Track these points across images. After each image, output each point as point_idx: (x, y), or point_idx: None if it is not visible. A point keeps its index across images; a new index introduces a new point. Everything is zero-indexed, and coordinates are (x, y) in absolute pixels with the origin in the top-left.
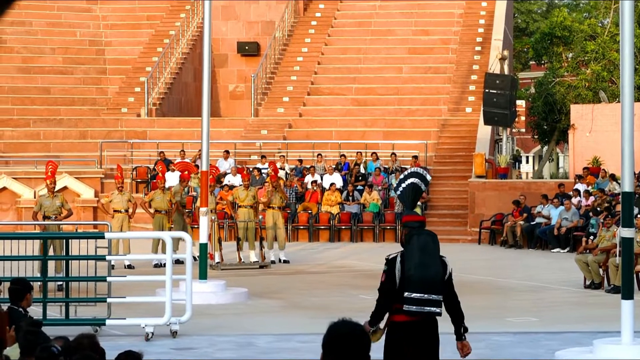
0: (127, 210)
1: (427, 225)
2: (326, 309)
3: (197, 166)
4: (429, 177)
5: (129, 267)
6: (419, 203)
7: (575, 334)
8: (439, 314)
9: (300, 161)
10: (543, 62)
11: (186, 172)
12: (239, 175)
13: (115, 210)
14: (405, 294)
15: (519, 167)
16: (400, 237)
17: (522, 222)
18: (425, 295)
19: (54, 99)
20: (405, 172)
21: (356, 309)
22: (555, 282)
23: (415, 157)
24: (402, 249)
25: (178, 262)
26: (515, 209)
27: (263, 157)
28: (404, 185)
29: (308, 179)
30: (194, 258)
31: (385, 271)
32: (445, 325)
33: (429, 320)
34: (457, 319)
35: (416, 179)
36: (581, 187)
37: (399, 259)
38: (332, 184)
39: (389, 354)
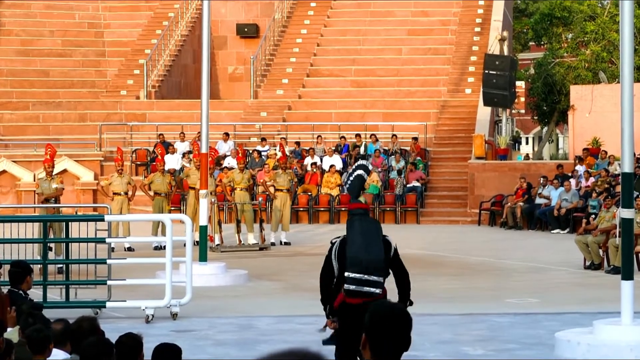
0: (126, 193)
1: (426, 207)
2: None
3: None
4: (370, 167)
5: (129, 249)
6: (366, 190)
7: (575, 314)
8: (378, 295)
9: (298, 143)
10: (543, 42)
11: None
12: None
13: (114, 193)
14: (346, 273)
15: (518, 149)
16: (347, 224)
17: (522, 204)
18: (365, 276)
19: (53, 82)
20: (353, 166)
21: None
22: (555, 263)
23: (415, 138)
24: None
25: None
26: (519, 188)
27: (263, 139)
28: (352, 177)
29: (308, 160)
30: (195, 242)
31: (326, 257)
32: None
33: (369, 301)
34: (403, 292)
35: (361, 171)
36: (581, 168)
37: (338, 243)
38: (331, 166)
39: (342, 335)
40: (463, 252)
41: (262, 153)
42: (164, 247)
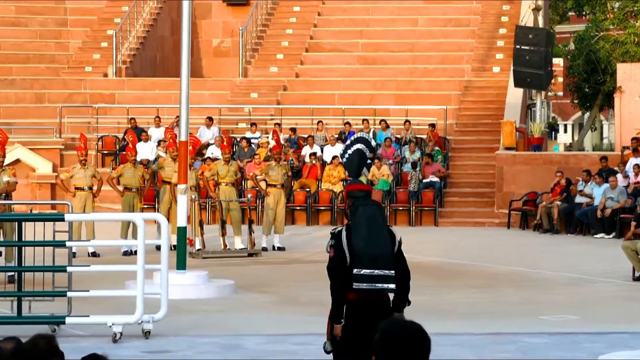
0: (90, 188)
1: (446, 206)
2: (327, 306)
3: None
4: (373, 143)
5: (94, 254)
6: (364, 171)
7: (623, 334)
8: (393, 290)
9: (294, 130)
10: (584, 13)
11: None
12: None
13: (77, 188)
14: (355, 270)
15: (555, 138)
16: (345, 208)
17: (559, 203)
18: (377, 271)
19: (5, 56)
20: (352, 138)
21: None
22: (598, 274)
23: (433, 125)
24: (348, 221)
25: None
26: (556, 185)
27: (253, 125)
28: (349, 151)
29: (306, 151)
30: (171, 247)
31: (333, 245)
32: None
33: (382, 297)
34: (401, 295)
35: (362, 145)
36: (630, 161)
37: (344, 232)
38: (334, 157)
39: (343, 335)
40: (489, 260)
41: (252, 141)
42: (135, 252)
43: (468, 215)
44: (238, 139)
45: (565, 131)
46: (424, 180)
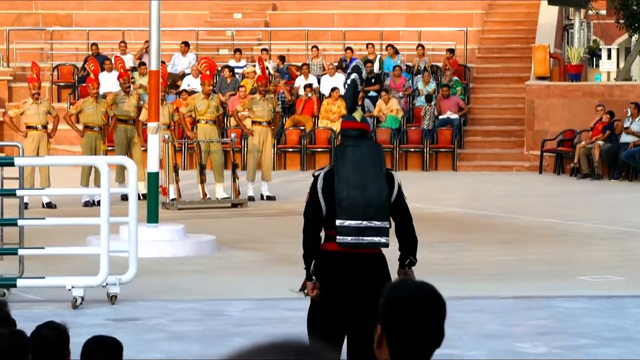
0: (45, 127)
1: (466, 147)
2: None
3: (144, 63)
4: (364, 73)
5: (49, 205)
6: (358, 105)
7: None
8: (385, 245)
9: (282, 58)
10: None
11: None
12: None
13: (28, 127)
14: (338, 222)
15: (597, 65)
16: (335, 150)
17: (601, 142)
18: (365, 223)
19: None
20: (352, 66)
21: None
22: None
23: (451, 51)
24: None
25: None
26: (597, 121)
27: (237, 50)
28: (348, 81)
29: (299, 82)
30: (140, 196)
31: (310, 190)
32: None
33: (375, 255)
34: (407, 246)
35: (355, 75)
36: None
37: (323, 176)
38: (333, 89)
39: (322, 291)
40: (518, 211)
41: (236, 71)
42: (98, 202)
43: (492, 158)
44: (219, 69)
45: (609, 57)
46: (440, 117)
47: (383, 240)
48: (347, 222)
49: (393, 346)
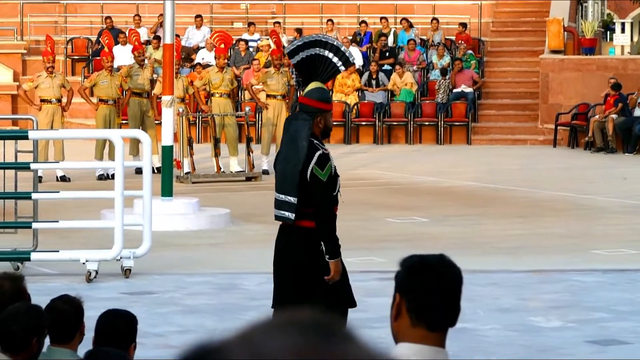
0: (59, 100)
1: (480, 121)
2: (339, 238)
3: (159, 37)
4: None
5: (63, 179)
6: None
7: None
8: (291, 220)
9: (299, 30)
10: None
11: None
12: None
13: (42, 100)
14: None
15: (611, 39)
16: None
17: (615, 116)
18: (281, 196)
19: None
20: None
21: (380, 236)
22: None
23: (464, 24)
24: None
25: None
26: (609, 95)
27: (251, 24)
28: (304, 55)
29: None
30: (154, 170)
31: None
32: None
33: (299, 229)
34: (319, 229)
35: (319, 49)
36: None
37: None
38: None
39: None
40: (532, 185)
41: (250, 44)
42: (112, 176)
43: (507, 132)
44: (234, 42)
45: (623, 31)
46: (455, 90)
47: (290, 215)
48: (275, 195)
49: (418, 316)
